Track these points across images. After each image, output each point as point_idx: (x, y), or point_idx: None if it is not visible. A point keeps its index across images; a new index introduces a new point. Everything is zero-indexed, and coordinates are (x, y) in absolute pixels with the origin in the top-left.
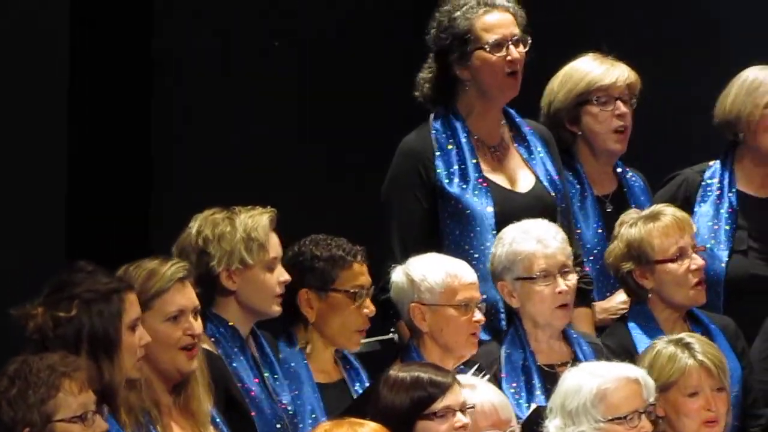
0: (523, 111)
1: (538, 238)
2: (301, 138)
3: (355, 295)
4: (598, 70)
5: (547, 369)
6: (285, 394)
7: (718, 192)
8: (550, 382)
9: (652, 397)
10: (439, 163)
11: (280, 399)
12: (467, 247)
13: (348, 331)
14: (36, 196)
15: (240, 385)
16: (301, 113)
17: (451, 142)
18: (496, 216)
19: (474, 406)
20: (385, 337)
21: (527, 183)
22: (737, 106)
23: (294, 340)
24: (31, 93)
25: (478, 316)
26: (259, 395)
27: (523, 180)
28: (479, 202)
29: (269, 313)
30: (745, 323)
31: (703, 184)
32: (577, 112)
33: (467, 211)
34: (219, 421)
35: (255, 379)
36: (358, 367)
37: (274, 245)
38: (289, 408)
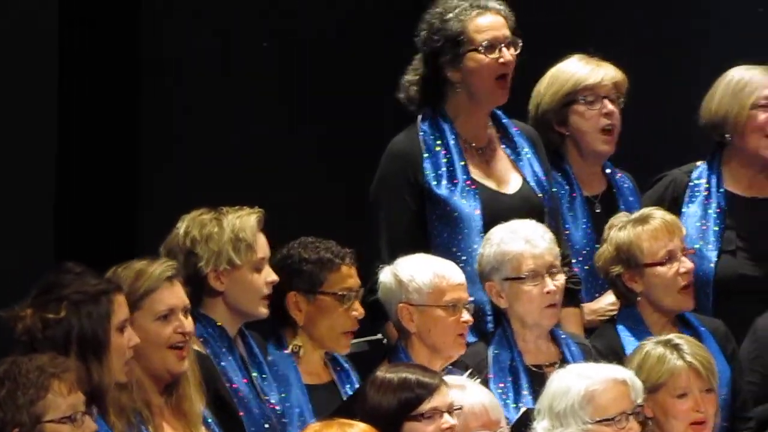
0: (523, 111)
1: (527, 239)
2: (301, 138)
3: (344, 298)
4: (584, 69)
5: (534, 369)
6: (273, 394)
7: (706, 192)
8: (538, 382)
9: (640, 399)
10: (427, 165)
11: (268, 399)
12: (455, 249)
13: (336, 334)
14: (25, 198)
15: (228, 384)
16: (301, 113)
17: (439, 144)
18: (484, 218)
19: (462, 408)
20: (373, 338)
21: (514, 184)
22: (724, 107)
23: (283, 342)
24: (20, 94)
25: (466, 316)
26: (248, 395)
27: (510, 181)
28: (467, 204)
29: (256, 315)
30: (733, 323)
31: (691, 184)
32: (564, 113)
33: (455, 214)
34: (211, 421)
35: (243, 379)
36: (348, 368)
37: (262, 246)
38: (277, 408)
